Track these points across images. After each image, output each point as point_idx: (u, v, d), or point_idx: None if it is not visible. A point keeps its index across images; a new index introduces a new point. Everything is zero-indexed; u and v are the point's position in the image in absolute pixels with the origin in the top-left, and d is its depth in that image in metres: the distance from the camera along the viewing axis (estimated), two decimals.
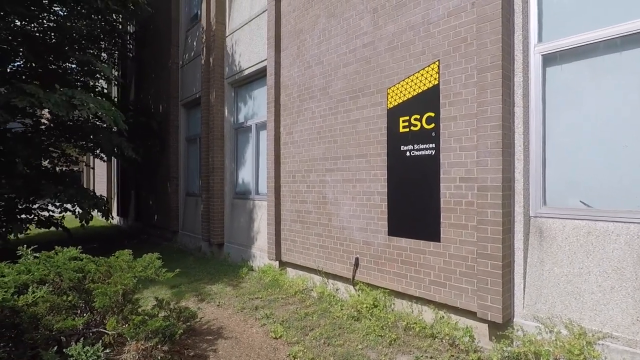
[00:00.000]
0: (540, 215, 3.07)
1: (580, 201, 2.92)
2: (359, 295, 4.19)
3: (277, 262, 5.51)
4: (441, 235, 3.47)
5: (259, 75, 6.35)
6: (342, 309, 4.07)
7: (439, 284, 3.48)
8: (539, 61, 3.13)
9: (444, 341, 3.28)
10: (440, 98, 3.51)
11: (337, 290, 4.59)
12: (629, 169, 2.72)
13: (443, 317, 3.47)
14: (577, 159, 2.97)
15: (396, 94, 3.91)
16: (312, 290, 4.77)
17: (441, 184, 3.48)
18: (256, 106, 6.60)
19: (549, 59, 3.13)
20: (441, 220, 3.47)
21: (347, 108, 4.43)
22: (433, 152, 3.56)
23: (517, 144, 3.15)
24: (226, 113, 7.18)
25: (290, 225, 5.24)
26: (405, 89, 3.82)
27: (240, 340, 3.57)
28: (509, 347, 2.92)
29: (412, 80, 3.77)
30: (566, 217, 2.93)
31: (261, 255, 5.91)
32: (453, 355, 3.06)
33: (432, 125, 3.57)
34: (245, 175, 6.85)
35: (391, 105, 3.96)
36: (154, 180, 9.86)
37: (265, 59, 5.83)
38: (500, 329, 3.08)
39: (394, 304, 3.94)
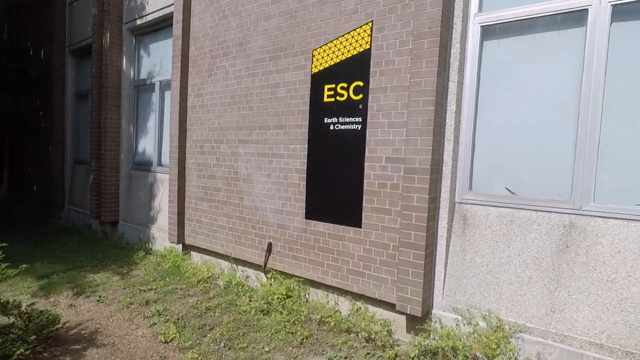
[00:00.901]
0: (466, 201, 2.87)
1: (506, 188, 2.77)
2: (270, 285, 3.73)
3: (180, 245, 4.76)
4: (363, 221, 3.12)
5: (166, 23, 5.28)
6: (250, 301, 3.57)
7: (357, 274, 3.15)
8: (477, 33, 2.84)
9: (359, 336, 2.99)
10: (371, 65, 3.07)
11: (247, 278, 4.07)
12: (553, 157, 2.59)
13: (360, 308, 3.18)
14: (506, 143, 2.78)
15: (322, 57, 3.37)
16: (218, 278, 4.18)
17: (366, 164, 3.09)
18: (162, 61, 5.53)
19: (487, 32, 2.85)
20: (363, 204, 3.11)
21: (267, 70, 3.78)
22: (359, 127, 3.13)
23: (449, 123, 2.87)
24: (124, 66, 5.95)
25: (197, 203, 4.50)
26: (333, 52, 3.30)
27: (118, 348, 2.87)
28: (428, 340, 2.72)
29: (341, 43, 3.26)
30: (491, 204, 2.76)
31: (162, 237, 5.08)
32: (369, 353, 2.78)
33: (360, 96, 3.13)
34: (147, 143, 5.81)
35: (316, 70, 3.42)
36: (34, 142, 8.07)
37: (172, 3, 4.80)
38: (419, 322, 2.87)
39: (308, 294, 3.55)
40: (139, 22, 5.62)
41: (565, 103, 2.54)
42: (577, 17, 2.51)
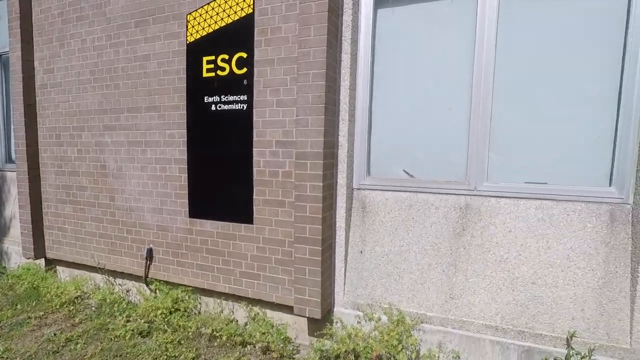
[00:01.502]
0: (364, 187, 2.62)
1: (404, 170, 2.57)
2: (155, 298, 3.13)
3: (43, 260, 3.84)
4: (254, 216, 2.70)
5: None
6: (128, 322, 2.94)
7: (252, 276, 2.74)
8: None
9: (256, 348, 2.60)
10: (255, 33, 2.61)
11: (127, 292, 3.40)
12: (450, 135, 2.45)
13: (258, 315, 2.79)
14: (403, 122, 2.57)
15: (199, 23, 2.80)
16: (90, 296, 3.43)
17: (254, 150, 2.66)
18: (2, 28, 4.34)
19: None
20: (254, 197, 2.68)
21: (133, 38, 3.07)
22: (245, 107, 2.67)
23: (343, 101, 2.56)
24: None
25: (57, 207, 3.63)
26: (211, 17, 2.76)
27: None
28: (330, 343, 2.44)
29: (219, 5, 2.72)
30: (389, 188, 2.55)
31: (18, 251, 4.07)
32: None
33: (244, 69, 2.66)
34: None
35: (192, 39, 2.84)
36: None
37: None
38: (320, 323, 2.58)
39: (199, 304, 3.05)
40: None
41: (460, 78, 2.39)
42: None
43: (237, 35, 2.67)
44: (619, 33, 2.04)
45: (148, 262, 3.14)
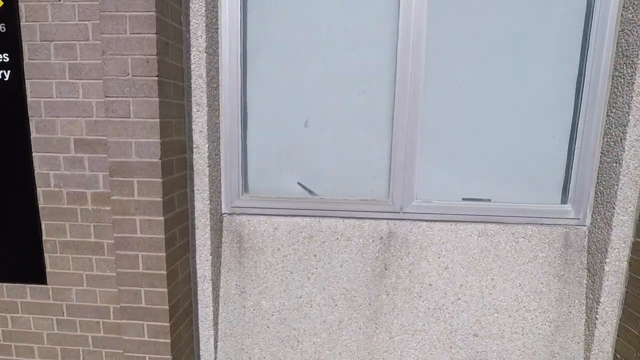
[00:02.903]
0: (240, 210, 1.70)
1: (299, 184, 1.72)
2: None
3: None
4: (47, 270, 1.54)
5: None
6: None
7: None
8: None
9: None
10: None
11: None
12: (365, 133, 1.67)
13: None
14: (296, 110, 1.69)
15: None
16: None
17: (35, 155, 1.47)
18: None
19: None
20: (44, 237, 1.51)
21: None
22: (8, 75, 1.43)
23: (196, 72, 1.54)
24: None
25: None
26: None
27: None
28: None
29: None
30: (278, 212, 1.68)
31: None
32: None
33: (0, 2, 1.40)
34: None
35: None
36: None
37: None
38: None
39: None
40: None
41: (380, 48, 1.59)
42: None
43: None
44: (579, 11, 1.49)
45: None
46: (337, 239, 1.63)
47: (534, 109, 1.56)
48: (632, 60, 1.37)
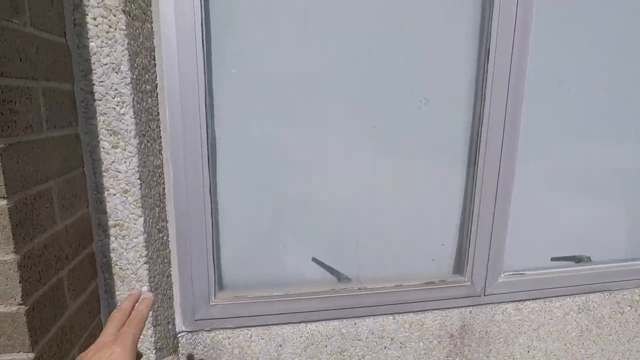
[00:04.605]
0: (209, 326, 0.92)
1: (313, 259, 1.00)
2: None
3: None
4: None
5: None
6: None
7: None
8: None
9: None
10: None
11: None
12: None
13: None
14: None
15: None
16: None
17: None
18: None
19: None
20: None
21: None
22: None
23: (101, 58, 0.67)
24: None
25: None
26: None
27: None
28: None
29: None
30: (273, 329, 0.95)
31: None
32: None
33: None
34: None
35: None
36: None
37: None
38: None
39: None
40: None
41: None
42: None
43: None
44: None
45: None
46: (385, 347, 0.98)
47: None
48: None
